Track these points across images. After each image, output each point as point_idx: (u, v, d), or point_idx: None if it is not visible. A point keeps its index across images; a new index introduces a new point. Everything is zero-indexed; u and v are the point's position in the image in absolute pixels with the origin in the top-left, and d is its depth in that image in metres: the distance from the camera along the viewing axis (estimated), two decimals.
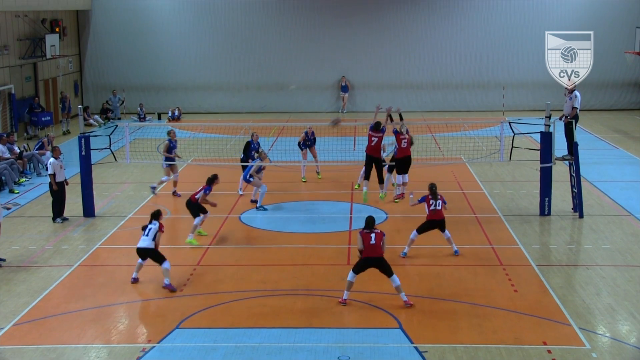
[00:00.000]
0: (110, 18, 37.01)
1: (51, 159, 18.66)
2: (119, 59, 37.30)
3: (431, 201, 15.41)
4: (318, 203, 20.45)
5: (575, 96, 18.84)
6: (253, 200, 19.95)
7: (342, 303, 13.15)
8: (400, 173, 19.77)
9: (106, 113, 35.72)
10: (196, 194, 16.71)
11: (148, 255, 14.11)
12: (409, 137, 19.27)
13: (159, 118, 35.92)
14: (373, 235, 12.95)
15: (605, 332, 12.19)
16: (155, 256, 14.06)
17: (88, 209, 19.14)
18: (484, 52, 37.01)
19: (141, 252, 14.18)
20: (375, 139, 18.68)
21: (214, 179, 16.91)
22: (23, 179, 23.17)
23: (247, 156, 20.28)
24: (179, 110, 35.85)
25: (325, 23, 37.17)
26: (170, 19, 37.20)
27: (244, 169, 20.00)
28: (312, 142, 22.38)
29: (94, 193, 19.44)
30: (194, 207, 16.73)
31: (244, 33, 37.24)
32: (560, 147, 19.65)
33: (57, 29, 33.42)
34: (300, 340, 11.91)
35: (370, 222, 13.11)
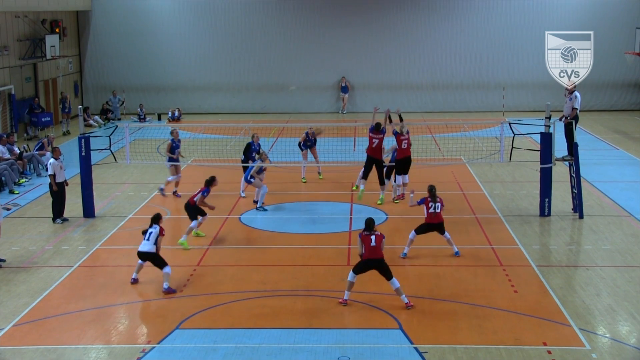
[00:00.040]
0: (110, 19, 37.01)
1: (51, 160, 18.66)
2: (119, 60, 37.30)
3: (430, 203, 15.39)
4: (318, 204, 20.45)
5: (575, 97, 18.84)
6: (255, 200, 19.93)
7: (343, 303, 13.14)
8: (400, 174, 19.77)
9: (106, 114, 35.73)
10: (194, 197, 16.68)
11: (149, 259, 14.09)
12: (409, 138, 19.29)
13: (159, 119, 35.93)
14: (373, 237, 12.94)
15: (605, 333, 12.18)
16: (156, 260, 14.04)
17: (88, 210, 19.14)
18: (484, 53, 37.01)
19: (142, 256, 14.18)
20: (376, 141, 18.71)
21: (212, 181, 16.87)
22: (23, 180, 23.17)
23: (248, 157, 20.27)
24: (179, 110, 35.85)
25: (325, 24, 37.16)
26: (170, 20, 37.20)
27: (245, 171, 20.00)
28: (313, 143, 22.38)
29: (94, 194, 19.44)
30: (192, 210, 16.70)
31: (244, 34, 37.24)
32: (560, 148, 19.66)
33: (57, 30, 33.41)
34: (300, 340, 11.91)
35: (369, 224, 13.10)
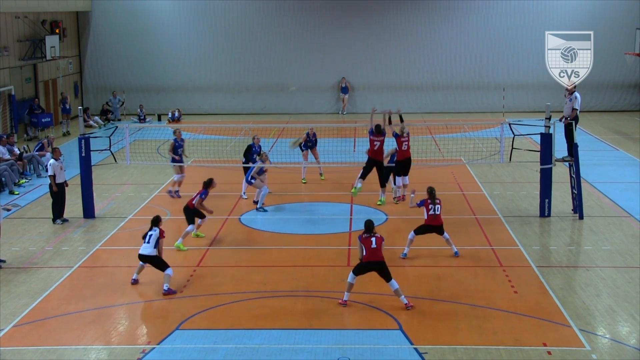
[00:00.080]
0: (110, 19, 37.03)
1: (51, 160, 18.66)
2: (119, 60, 37.31)
3: (430, 205, 15.39)
4: (318, 204, 20.45)
5: (575, 97, 18.86)
6: (255, 201, 19.93)
7: (343, 304, 13.14)
8: (400, 175, 19.75)
9: (106, 114, 35.74)
10: (193, 200, 16.66)
11: (150, 262, 14.08)
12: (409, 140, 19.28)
13: (159, 119, 35.94)
14: (374, 239, 12.94)
15: (605, 334, 12.18)
16: (157, 263, 14.02)
17: (88, 210, 19.14)
18: (484, 53, 37.01)
19: (143, 259, 14.16)
20: (377, 143, 18.69)
21: (210, 183, 16.81)
22: (23, 180, 23.17)
23: (249, 159, 20.28)
24: (179, 111, 35.85)
25: (325, 24, 37.17)
26: (170, 20, 37.20)
27: (245, 172, 19.99)
28: (314, 144, 22.38)
29: (94, 194, 19.44)
30: (191, 213, 16.66)
31: (244, 34, 37.25)
32: (560, 149, 19.66)
33: (57, 30, 33.43)
34: (300, 341, 11.91)
35: (369, 226, 13.09)
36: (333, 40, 37.17)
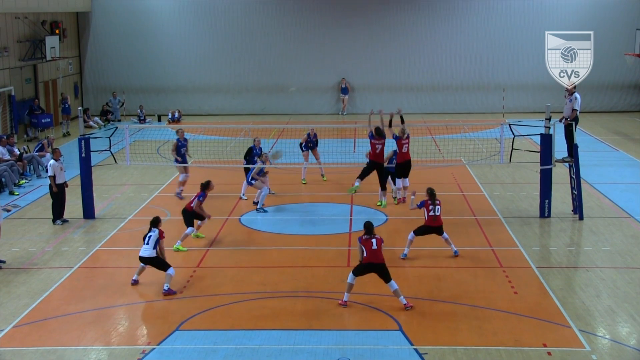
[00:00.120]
0: (110, 20, 37.03)
1: (51, 161, 18.66)
2: (119, 61, 37.31)
3: (430, 206, 15.40)
4: (318, 205, 20.45)
5: (575, 98, 18.86)
6: (255, 201, 19.92)
7: (343, 305, 13.15)
8: (400, 177, 19.74)
9: (106, 115, 35.75)
10: (191, 202, 16.65)
11: (150, 263, 14.07)
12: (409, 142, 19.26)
13: (159, 120, 35.94)
14: (374, 240, 12.94)
15: (605, 334, 12.18)
16: (158, 264, 14.01)
17: (88, 211, 19.14)
18: (484, 54, 37.02)
19: (143, 261, 14.15)
20: (379, 146, 18.67)
21: (208, 185, 16.78)
22: (23, 181, 23.17)
23: (249, 161, 20.28)
24: (179, 112, 35.84)
25: (325, 25, 37.18)
26: (170, 21, 37.21)
27: (246, 173, 19.99)
28: (315, 144, 22.39)
29: (94, 195, 19.44)
30: (189, 215, 16.64)
31: (244, 35, 37.25)
32: (560, 149, 19.67)
33: (57, 31, 33.44)
34: (300, 342, 11.91)
35: (369, 227, 13.10)
36: (333, 40, 37.18)
